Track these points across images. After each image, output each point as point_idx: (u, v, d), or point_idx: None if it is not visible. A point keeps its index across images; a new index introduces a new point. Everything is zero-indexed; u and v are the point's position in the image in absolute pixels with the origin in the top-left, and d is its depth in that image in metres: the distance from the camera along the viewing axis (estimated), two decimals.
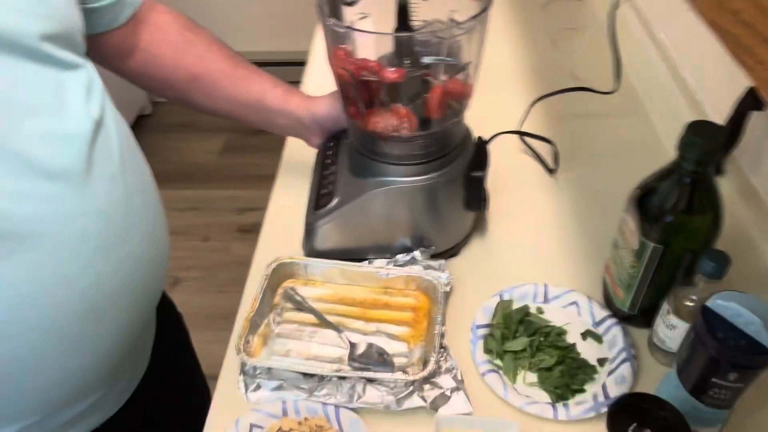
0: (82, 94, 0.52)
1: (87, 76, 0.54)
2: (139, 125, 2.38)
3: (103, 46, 0.67)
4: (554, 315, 0.68)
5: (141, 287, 0.58)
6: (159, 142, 2.31)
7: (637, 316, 0.65)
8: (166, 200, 0.64)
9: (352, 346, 0.64)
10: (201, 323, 1.08)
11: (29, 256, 0.46)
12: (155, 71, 0.72)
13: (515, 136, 0.92)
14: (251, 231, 1.94)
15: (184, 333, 0.86)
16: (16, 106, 0.46)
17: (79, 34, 0.55)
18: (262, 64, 0.78)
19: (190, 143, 2.33)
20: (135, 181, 0.57)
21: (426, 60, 0.65)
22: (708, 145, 0.53)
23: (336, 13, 0.71)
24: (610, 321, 0.66)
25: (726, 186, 0.76)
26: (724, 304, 0.49)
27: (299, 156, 0.86)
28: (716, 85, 0.80)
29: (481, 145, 0.73)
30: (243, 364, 0.63)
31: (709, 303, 0.50)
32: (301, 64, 1.13)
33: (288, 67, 1.73)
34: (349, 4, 0.72)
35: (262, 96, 0.75)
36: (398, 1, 0.62)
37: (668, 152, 0.56)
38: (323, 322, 0.67)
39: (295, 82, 0.90)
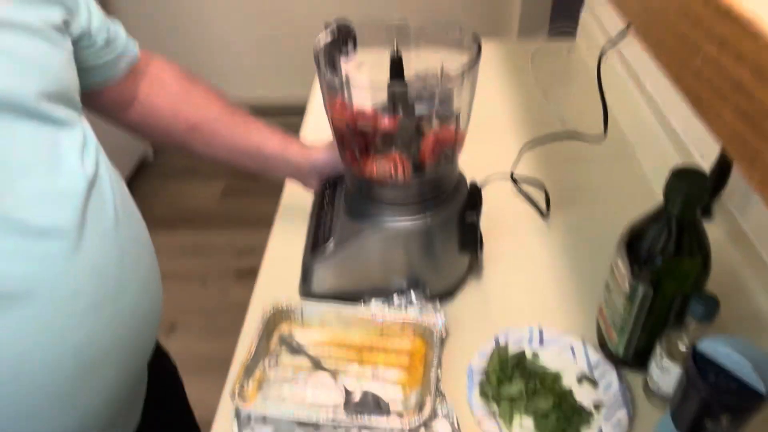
0: (77, 152, 0.52)
1: (82, 132, 0.54)
2: (140, 171, 2.41)
3: (102, 99, 0.68)
4: (550, 359, 0.68)
5: (133, 342, 0.57)
6: (160, 188, 2.35)
7: (632, 359, 0.65)
8: (166, 244, 0.65)
9: (348, 394, 0.64)
10: (199, 368, 1.07)
11: (21, 314, 0.46)
12: (154, 121, 0.73)
13: (508, 181, 0.94)
14: (250, 274, 1.94)
15: (178, 385, 0.84)
16: (10, 166, 0.46)
17: (76, 92, 0.56)
18: (261, 111, 0.81)
19: (191, 188, 2.36)
20: (128, 235, 0.57)
21: (419, 109, 0.67)
22: (692, 190, 0.55)
23: (333, 64, 0.74)
24: (605, 365, 0.66)
25: (716, 229, 0.77)
26: (714, 347, 0.50)
27: (297, 200, 0.87)
28: (702, 130, 0.83)
29: (475, 190, 0.74)
30: (237, 411, 0.62)
31: (699, 346, 0.50)
32: (301, 111, 1.16)
33: (287, 117, 1.78)
34: (346, 55, 0.75)
35: (260, 144, 0.77)
36: (392, 55, 0.65)
37: (658, 195, 0.57)
38: (319, 367, 0.67)
39: (295, 129, 0.92)
